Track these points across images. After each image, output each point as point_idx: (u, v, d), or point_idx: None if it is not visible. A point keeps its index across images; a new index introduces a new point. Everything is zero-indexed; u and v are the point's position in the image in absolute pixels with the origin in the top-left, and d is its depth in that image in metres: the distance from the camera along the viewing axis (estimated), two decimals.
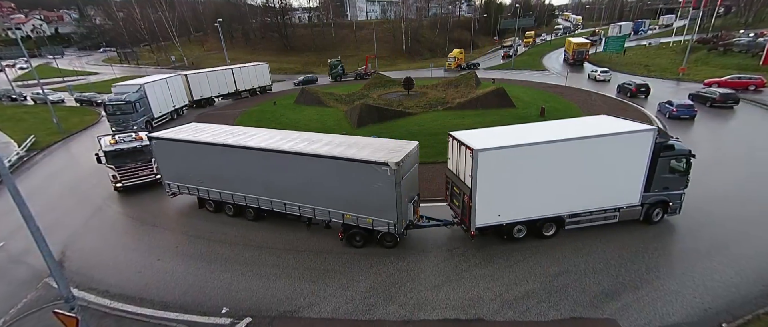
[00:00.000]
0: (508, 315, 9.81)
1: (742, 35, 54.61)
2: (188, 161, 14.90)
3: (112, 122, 27.77)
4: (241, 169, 13.92)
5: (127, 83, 30.72)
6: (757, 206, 14.18)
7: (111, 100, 27.87)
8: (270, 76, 46.16)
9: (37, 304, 11.01)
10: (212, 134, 15.00)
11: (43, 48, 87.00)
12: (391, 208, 11.61)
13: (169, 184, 15.96)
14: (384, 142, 12.92)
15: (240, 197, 14.54)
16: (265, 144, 13.29)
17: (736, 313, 9.42)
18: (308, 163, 12.37)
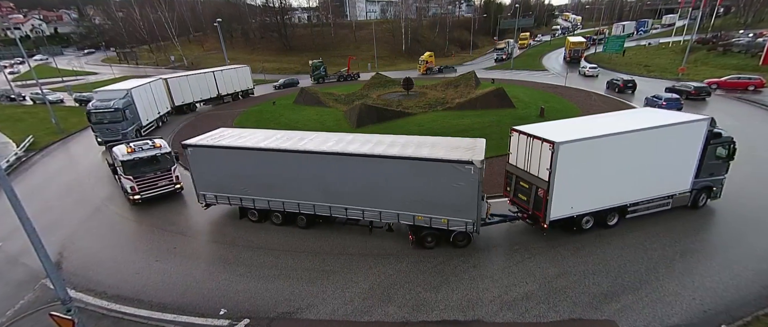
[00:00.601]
0: (507, 316, 9.78)
1: (742, 35, 54.66)
2: (232, 169, 13.80)
3: (99, 132, 24.92)
4: (297, 175, 13.09)
5: (109, 88, 28.21)
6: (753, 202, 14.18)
7: (96, 108, 24.64)
8: (252, 79, 43.99)
9: (34, 305, 10.96)
10: (259, 139, 14.01)
11: (41, 48, 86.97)
12: (470, 207, 11.56)
13: (205, 195, 14.70)
14: (452, 141, 13.12)
15: (292, 204, 13.67)
16: (326, 147, 12.72)
17: (736, 314, 9.40)
18: (379, 165, 11.95)
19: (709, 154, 13.25)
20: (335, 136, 14.32)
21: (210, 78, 38.30)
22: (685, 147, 12.92)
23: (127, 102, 25.69)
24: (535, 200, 12.30)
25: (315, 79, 54.77)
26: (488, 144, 23.22)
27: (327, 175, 12.76)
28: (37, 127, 31.32)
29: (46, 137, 28.67)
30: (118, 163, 16.22)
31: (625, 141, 11.90)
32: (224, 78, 39.75)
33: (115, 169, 16.67)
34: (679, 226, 13.29)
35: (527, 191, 12.64)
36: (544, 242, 12.76)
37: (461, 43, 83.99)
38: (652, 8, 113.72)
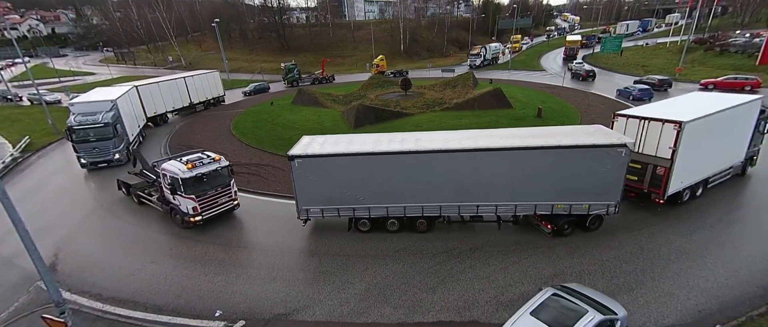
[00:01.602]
0: (503, 317, 9.73)
1: (739, 35, 54.84)
2: (346, 178, 12.76)
3: (83, 153, 20.82)
4: (425, 176, 12.49)
5: (90, 98, 23.89)
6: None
7: (80, 124, 20.61)
8: (222, 85, 40.10)
9: (29, 308, 10.91)
10: (373, 143, 13.18)
11: (39, 48, 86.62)
12: (615, 189, 12.07)
13: (308, 210, 13.40)
14: (576, 129, 14.06)
15: (415, 208, 13.03)
16: (458, 144, 12.32)
17: (730, 314, 9.43)
18: (519, 158, 11.93)
19: (757, 127, 15.55)
20: (457, 133, 13.97)
21: (181, 85, 34.27)
22: (747, 122, 15.12)
23: (115, 115, 22.01)
24: (653, 178, 13.46)
25: (288, 83, 52.24)
26: None
27: (462, 172, 12.37)
28: (33, 127, 31.19)
29: (43, 138, 28.55)
30: (177, 181, 13.68)
31: (723, 118, 13.79)
32: (195, 84, 35.80)
33: (176, 189, 13.88)
34: (674, 227, 13.32)
35: (640, 171, 13.77)
36: (540, 243, 12.78)
37: (460, 43, 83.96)
38: (650, 8, 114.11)
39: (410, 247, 13.00)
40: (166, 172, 14.16)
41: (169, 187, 14.23)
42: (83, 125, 20.80)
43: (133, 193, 17.04)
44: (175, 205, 14.57)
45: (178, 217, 14.78)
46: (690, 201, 14.68)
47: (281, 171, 20.34)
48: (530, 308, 8.40)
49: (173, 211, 14.87)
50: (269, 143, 25.09)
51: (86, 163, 21.15)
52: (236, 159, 22.60)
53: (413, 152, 12.27)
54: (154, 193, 16.31)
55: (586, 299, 8.40)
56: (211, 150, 24.45)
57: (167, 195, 14.81)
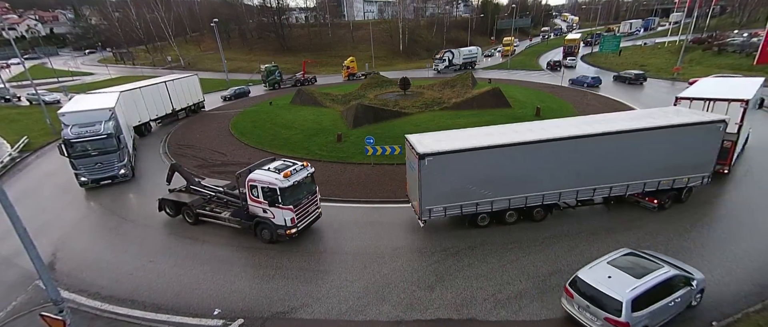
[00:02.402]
0: (501, 314, 9.81)
1: (736, 35, 55.04)
2: (475, 172, 12.58)
3: (84, 170, 18.53)
4: (552, 163, 12.80)
5: (81, 107, 20.72)
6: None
7: (79, 136, 18.33)
8: (201, 90, 37.23)
9: (27, 306, 10.90)
10: (485, 136, 13.15)
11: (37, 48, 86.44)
12: (710, 161, 13.79)
13: (431, 210, 12.96)
14: (664, 110, 15.13)
15: (536, 197, 13.25)
16: (589, 129, 12.86)
17: (726, 311, 9.47)
18: (638, 139, 12.84)
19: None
20: (573, 119, 15.05)
21: (163, 90, 31.40)
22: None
23: (115, 124, 19.89)
24: (721, 151, 14.09)
25: (270, 86, 50.19)
26: None
27: (586, 157, 12.92)
28: (31, 128, 31.13)
29: (41, 138, 28.51)
30: (275, 192, 12.38)
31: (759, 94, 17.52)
32: (176, 89, 33.10)
33: (276, 200, 12.46)
34: (672, 225, 13.37)
35: None
36: (539, 241, 12.81)
37: (459, 43, 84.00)
38: (649, 8, 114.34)
39: (408, 245, 13.04)
40: (258, 182, 12.61)
41: (264, 199, 12.65)
42: (82, 138, 18.39)
43: (188, 212, 14.85)
44: (264, 218, 13.02)
45: (265, 232, 13.26)
46: (692, 198, 14.95)
47: None
48: (607, 259, 9.41)
49: (260, 226, 13.31)
50: (268, 143, 25.11)
51: (87, 181, 18.70)
52: (236, 159, 22.63)
53: (547, 140, 12.54)
54: (217, 209, 14.60)
55: (661, 260, 9.37)
56: (211, 150, 24.64)
57: (254, 209, 13.18)
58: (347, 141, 24.13)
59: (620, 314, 8.02)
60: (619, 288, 8.33)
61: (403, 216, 14.97)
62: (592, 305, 8.54)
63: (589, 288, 8.70)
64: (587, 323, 8.75)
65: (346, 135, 25.03)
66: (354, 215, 15.30)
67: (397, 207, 15.76)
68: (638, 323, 8.14)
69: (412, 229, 14.03)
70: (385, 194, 16.77)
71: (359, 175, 19.31)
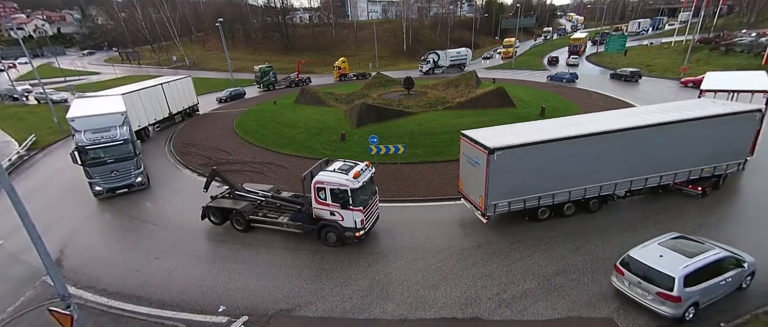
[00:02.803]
0: (506, 314, 9.77)
1: (744, 35, 54.41)
2: (540, 165, 12.71)
3: (100, 178, 17.42)
4: (614, 154, 13.30)
5: (91, 112, 18.65)
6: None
7: (94, 143, 17.17)
8: (195, 93, 35.77)
9: (34, 302, 11.02)
10: (559, 127, 13.60)
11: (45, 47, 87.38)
12: (746, 147, 14.90)
13: (495, 205, 12.98)
14: (697, 102, 16.04)
15: (594, 188, 13.63)
16: (654, 119, 13.60)
17: (735, 312, 9.36)
18: (691, 128, 13.68)
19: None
20: (603, 114, 15.79)
21: (160, 92, 29.90)
22: None
23: (128, 127, 18.64)
24: None
25: (264, 87, 48.82)
26: None
27: (646, 146, 13.48)
28: (39, 126, 31.49)
29: (48, 136, 28.82)
30: (346, 193, 11.93)
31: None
32: (173, 92, 31.61)
33: (347, 201, 11.98)
34: (678, 225, 13.21)
35: None
36: (543, 241, 12.74)
37: (463, 43, 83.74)
38: (655, 8, 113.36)
39: (411, 244, 13.00)
40: (326, 184, 12.09)
41: (333, 201, 12.18)
42: (98, 144, 17.21)
43: (238, 218, 14.03)
44: (331, 221, 12.52)
45: (331, 236, 12.80)
46: (699, 198, 15.06)
47: (284, 169, 20.42)
48: (657, 241, 9.98)
49: (325, 229, 12.80)
50: (272, 142, 25.19)
51: (102, 191, 17.51)
52: (240, 157, 22.73)
53: (612, 131, 12.97)
54: (271, 214, 14.06)
55: (711, 244, 9.77)
56: (216, 148, 24.76)
57: (320, 211, 12.63)
58: (351, 140, 24.16)
59: (673, 289, 8.61)
60: (672, 265, 8.93)
61: (406, 215, 14.97)
62: (644, 282, 9.11)
63: (642, 266, 9.28)
64: (638, 299, 9.35)
65: (350, 134, 25.06)
66: None
67: (400, 206, 15.77)
68: (689, 298, 8.75)
69: (414, 228, 14.01)
70: (388, 194, 16.75)
71: None
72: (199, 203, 14.75)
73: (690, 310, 8.91)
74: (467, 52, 58.35)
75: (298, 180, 18.48)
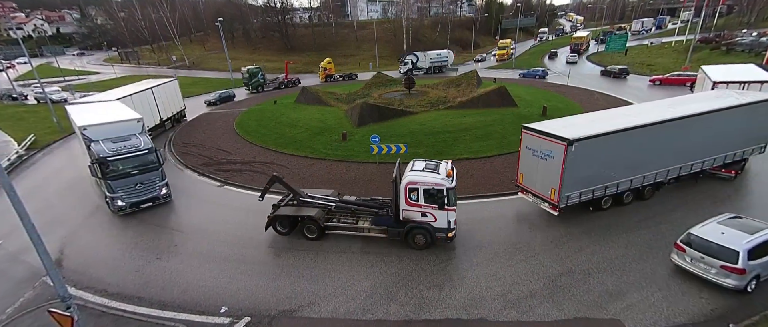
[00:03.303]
0: (511, 315, 9.66)
1: (745, 34, 54.39)
2: (612, 155, 13.10)
3: (124, 192, 15.59)
4: (676, 141, 14.04)
5: (104, 119, 16.93)
6: None
7: (118, 153, 15.37)
8: (182, 97, 33.64)
9: (34, 303, 10.89)
10: (622, 117, 14.19)
11: (44, 47, 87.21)
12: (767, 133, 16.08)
13: (568, 197, 13.06)
14: (716, 92, 17.13)
15: (650, 176, 14.27)
16: (709, 106, 14.51)
17: (744, 313, 9.26)
18: (739, 114, 14.68)
19: None
20: (660, 103, 16.38)
21: (150, 97, 27.49)
22: None
23: (148, 135, 17.22)
24: None
25: (253, 89, 46.71)
26: (490, 143, 23.20)
27: (704, 132, 14.41)
28: (38, 125, 31.34)
29: (48, 136, 28.67)
30: (442, 193, 11.57)
31: None
32: (162, 96, 29.21)
33: (444, 201, 11.61)
34: (685, 224, 13.07)
35: None
36: (549, 240, 12.63)
37: (463, 42, 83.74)
38: (655, 7, 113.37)
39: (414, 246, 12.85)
40: (419, 185, 11.67)
41: (426, 202, 11.77)
42: (121, 154, 15.39)
43: (310, 226, 13.17)
44: (422, 222, 12.08)
45: (420, 238, 12.29)
46: (701, 198, 15.07)
47: (285, 169, 20.29)
48: (716, 220, 10.68)
49: (414, 231, 12.31)
50: (273, 141, 25.06)
51: (125, 206, 15.58)
52: (241, 157, 22.60)
53: (681, 118, 13.70)
54: (346, 220, 13.31)
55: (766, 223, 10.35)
56: (216, 148, 24.63)
57: (409, 213, 12.14)
58: (352, 140, 24.04)
59: (737, 262, 9.27)
60: (735, 240, 9.66)
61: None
62: (706, 257, 9.80)
63: (704, 242, 10.00)
64: (700, 273, 10.05)
65: (351, 134, 24.94)
66: None
67: None
68: (752, 271, 9.40)
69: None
70: (391, 193, 16.61)
71: (365, 173, 19.20)
72: (199, 202, 14.63)
73: (752, 282, 9.58)
74: (448, 53, 57.54)
75: (307, 180, 18.43)
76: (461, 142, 22.55)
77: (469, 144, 22.16)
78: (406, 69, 55.48)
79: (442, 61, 56.59)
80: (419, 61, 55.84)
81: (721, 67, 23.38)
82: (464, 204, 15.43)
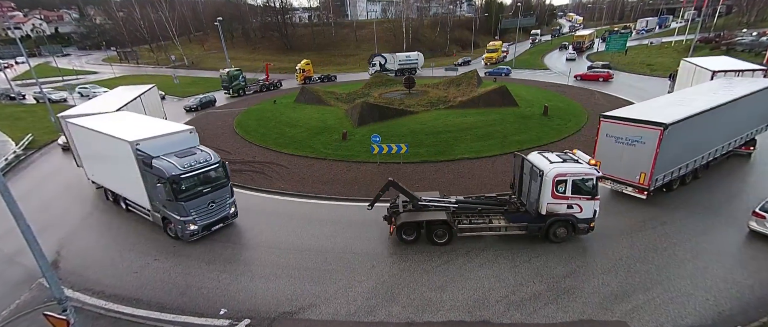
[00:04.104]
0: (515, 317, 9.52)
1: (745, 35, 54.41)
2: (692, 136, 14.25)
3: (197, 214, 13.28)
4: (727, 122, 15.45)
5: (157, 131, 14.20)
6: None
7: (191, 169, 12.97)
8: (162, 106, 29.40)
9: (30, 305, 10.72)
10: (687, 99, 15.77)
11: (42, 47, 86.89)
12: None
13: (656, 180, 13.86)
14: (731, 81, 19.15)
15: (706, 156, 15.45)
16: (741, 91, 16.05)
17: (751, 315, 9.13)
18: (760, 97, 16.55)
19: None
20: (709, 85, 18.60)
21: (139, 107, 22.89)
22: None
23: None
24: None
25: (234, 93, 43.36)
26: (491, 143, 23.02)
27: (739, 115, 15.90)
28: (36, 125, 31.12)
29: (45, 136, 28.46)
30: (593, 182, 11.50)
31: None
32: (148, 105, 24.91)
33: (596, 193, 11.59)
34: (689, 226, 13.01)
35: None
36: (551, 244, 12.49)
37: (462, 42, 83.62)
38: (654, 7, 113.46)
39: (417, 246, 12.71)
40: (568, 176, 11.25)
41: (573, 193, 11.46)
42: (194, 170, 13.03)
43: (442, 230, 12.47)
44: (566, 215, 11.77)
45: (562, 231, 12.07)
46: (706, 197, 15.27)
47: (285, 169, 20.13)
48: None
49: (556, 225, 12.00)
50: (273, 141, 24.90)
51: (197, 230, 13.37)
52: (240, 157, 22.43)
53: (738, 99, 15.33)
54: (476, 220, 12.72)
55: None
56: (216, 148, 24.38)
57: (554, 206, 11.67)
58: (352, 139, 23.89)
59: None
60: None
61: None
62: None
63: None
64: None
65: (352, 133, 24.79)
66: (359, 214, 14.98)
67: None
68: None
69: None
70: (393, 193, 16.46)
71: (365, 173, 19.05)
72: None
73: None
74: (418, 56, 56.01)
75: (307, 181, 18.28)
76: (462, 141, 22.41)
77: (471, 144, 22.03)
78: (374, 71, 53.78)
79: (411, 64, 55.31)
80: (388, 63, 54.32)
81: (702, 59, 26.00)
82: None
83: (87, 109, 20.27)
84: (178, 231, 13.39)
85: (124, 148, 13.21)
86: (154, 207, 13.98)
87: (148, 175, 13.13)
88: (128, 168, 13.58)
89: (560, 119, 26.25)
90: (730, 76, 20.54)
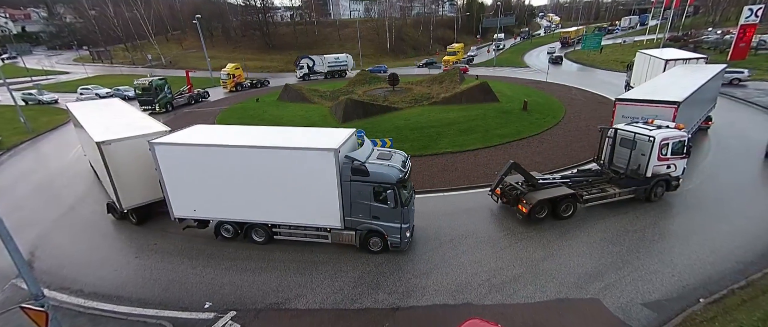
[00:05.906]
0: (496, 298, 9.87)
1: (710, 33, 57.39)
2: (691, 112, 16.83)
3: (408, 219, 11.72)
4: (702, 99, 18.66)
5: (289, 140, 11.75)
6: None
7: (406, 169, 11.60)
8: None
9: (3, 306, 10.33)
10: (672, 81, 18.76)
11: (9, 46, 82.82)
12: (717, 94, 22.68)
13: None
14: (696, 66, 23.56)
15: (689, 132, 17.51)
16: (706, 76, 19.46)
17: (712, 289, 9.78)
18: (715, 81, 20.65)
19: None
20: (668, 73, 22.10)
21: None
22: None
23: None
24: None
25: (161, 107, 34.30)
26: (474, 137, 23.47)
27: (705, 94, 18.88)
28: (4, 127, 29.72)
29: (14, 137, 27.25)
30: (686, 141, 13.63)
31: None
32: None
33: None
34: (658, 210, 13.75)
35: None
36: (531, 227, 12.97)
37: (445, 41, 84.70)
38: (627, 8, 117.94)
39: None
40: (670, 139, 13.28)
41: (672, 154, 13.50)
42: (408, 170, 11.83)
43: (573, 203, 13.32)
44: (666, 174, 13.85)
45: (660, 190, 14.09)
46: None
47: None
48: None
49: (656, 186, 13.90)
50: None
51: (410, 235, 12.19)
52: None
53: (709, 81, 19.25)
54: (593, 191, 13.80)
55: None
56: None
57: (658, 168, 13.56)
58: None
59: None
60: None
61: None
62: None
63: None
64: None
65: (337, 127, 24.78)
66: None
67: None
68: None
69: None
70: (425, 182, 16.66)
71: None
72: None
73: None
74: (347, 57, 55.50)
75: None
76: (445, 136, 22.82)
77: (454, 138, 22.46)
78: (302, 74, 52.97)
79: (340, 66, 54.43)
80: (316, 65, 52.61)
81: (655, 50, 30.21)
82: (450, 195, 15.66)
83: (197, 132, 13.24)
84: (396, 242, 11.56)
85: (322, 160, 10.68)
86: (350, 223, 11.64)
87: (354, 187, 10.99)
88: (316, 184, 11.05)
89: (539, 113, 27.06)
90: (681, 63, 23.89)
